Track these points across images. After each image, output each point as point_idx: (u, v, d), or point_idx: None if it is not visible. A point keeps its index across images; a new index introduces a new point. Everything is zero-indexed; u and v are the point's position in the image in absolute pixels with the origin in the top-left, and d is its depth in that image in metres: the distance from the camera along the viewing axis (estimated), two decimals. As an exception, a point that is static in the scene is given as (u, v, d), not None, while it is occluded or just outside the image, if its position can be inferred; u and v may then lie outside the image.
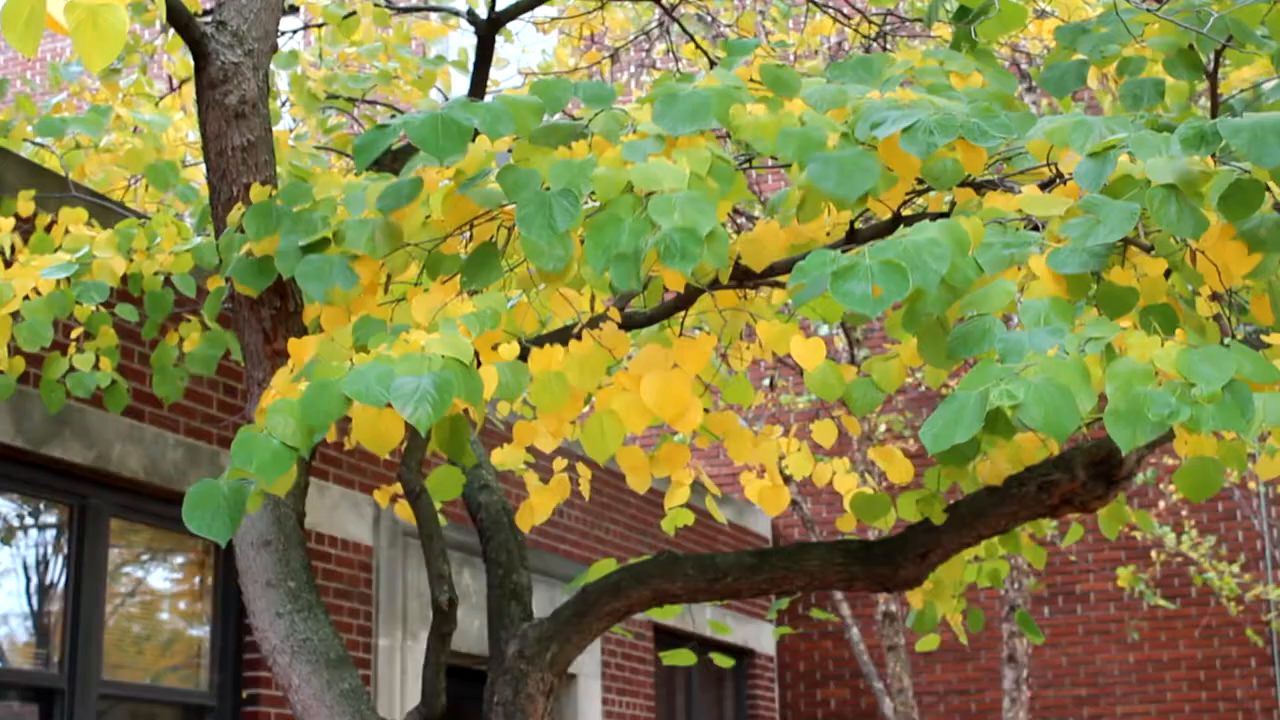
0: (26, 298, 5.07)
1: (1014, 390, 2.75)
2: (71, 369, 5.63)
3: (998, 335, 2.96)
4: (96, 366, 5.66)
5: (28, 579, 7.47)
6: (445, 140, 3.43)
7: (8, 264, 5.36)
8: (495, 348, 3.41)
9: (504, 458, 5.09)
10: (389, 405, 3.14)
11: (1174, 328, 3.14)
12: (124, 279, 5.47)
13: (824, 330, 11.98)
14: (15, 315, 5.14)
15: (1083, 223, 3.09)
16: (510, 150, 3.67)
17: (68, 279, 5.15)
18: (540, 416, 3.55)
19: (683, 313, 4.25)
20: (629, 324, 4.12)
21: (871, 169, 3.30)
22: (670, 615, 5.28)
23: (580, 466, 5.44)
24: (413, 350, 3.20)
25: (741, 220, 9.91)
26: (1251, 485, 13.44)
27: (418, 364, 3.15)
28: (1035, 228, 3.33)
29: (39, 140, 6.86)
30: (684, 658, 5.65)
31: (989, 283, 3.10)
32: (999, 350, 2.91)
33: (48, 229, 5.71)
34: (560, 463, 5.04)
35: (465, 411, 4.03)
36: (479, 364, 3.33)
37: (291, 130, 7.45)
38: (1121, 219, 3.05)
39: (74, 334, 5.71)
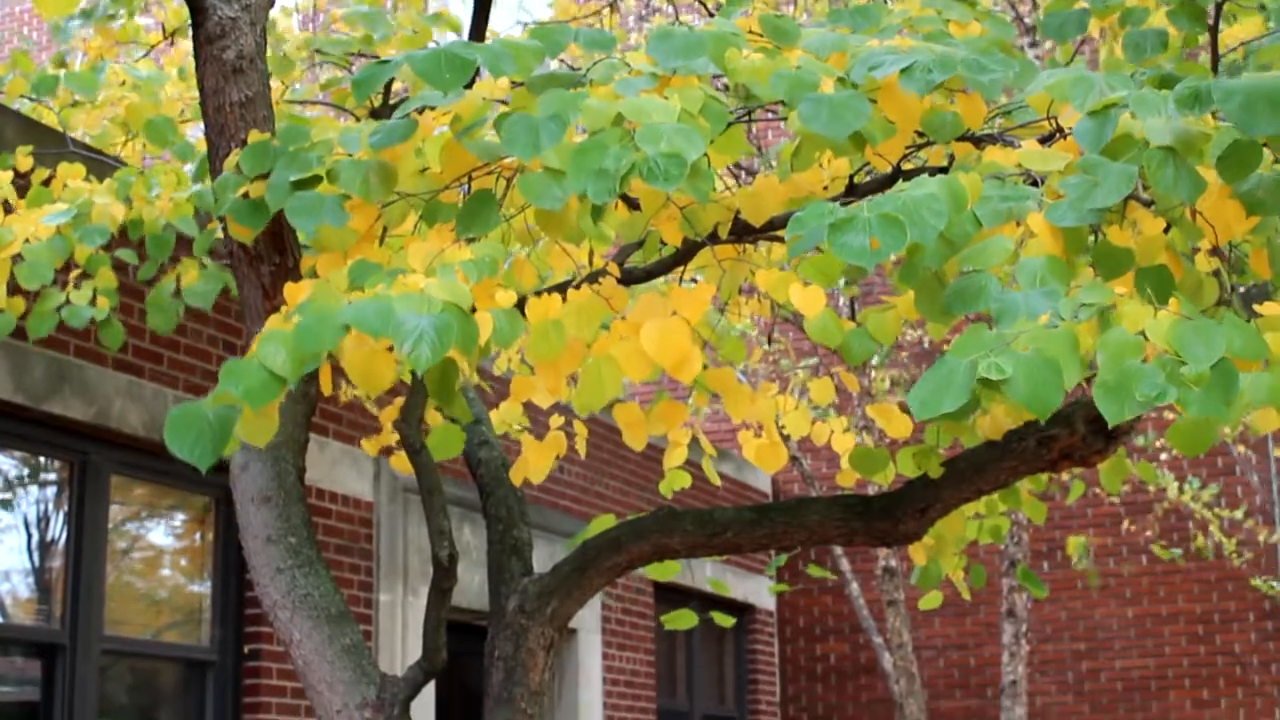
0: (27, 241, 5.07)
1: (1002, 364, 2.75)
2: (68, 302, 5.61)
3: (993, 294, 2.95)
4: (94, 304, 5.64)
5: (29, 535, 7.48)
6: (449, 74, 3.40)
7: (7, 213, 5.36)
8: (493, 296, 3.39)
9: (502, 414, 5.08)
10: (386, 346, 3.11)
11: (1170, 291, 3.13)
12: (124, 231, 5.46)
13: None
14: (16, 258, 5.13)
15: (1081, 183, 3.09)
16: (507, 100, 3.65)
17: (68, 224, 5.14)
18: (538, 370, 3.54)
19: (681, 268, 4.25)
20: (628, 279, 4.12)
21: (863, 109, 3.28)
22: (670, 573, 5.28)
23: (577, 424, 5.44)
24: (411, 290, 3.18)
25: (742, 175, 9.89)
26: (1241, 449, 13.44)
27: (417, 303, 3.12)
28: (1034, 183, 3.32)
29: (36, 97, 6.83)
30: (685, 620, 5.66)
31: (987, 237, 3.10)
32: (994, 311, 2.91)
33: (45, 183, 5.69)
34: (557, 420, 5.04)
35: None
36: (475, 312, 3.31)
37: (287, 86, 7.41)
38: (1119, 182, 3.05)
39: (73, 275, 5.69)
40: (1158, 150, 3.06)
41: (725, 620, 6.54)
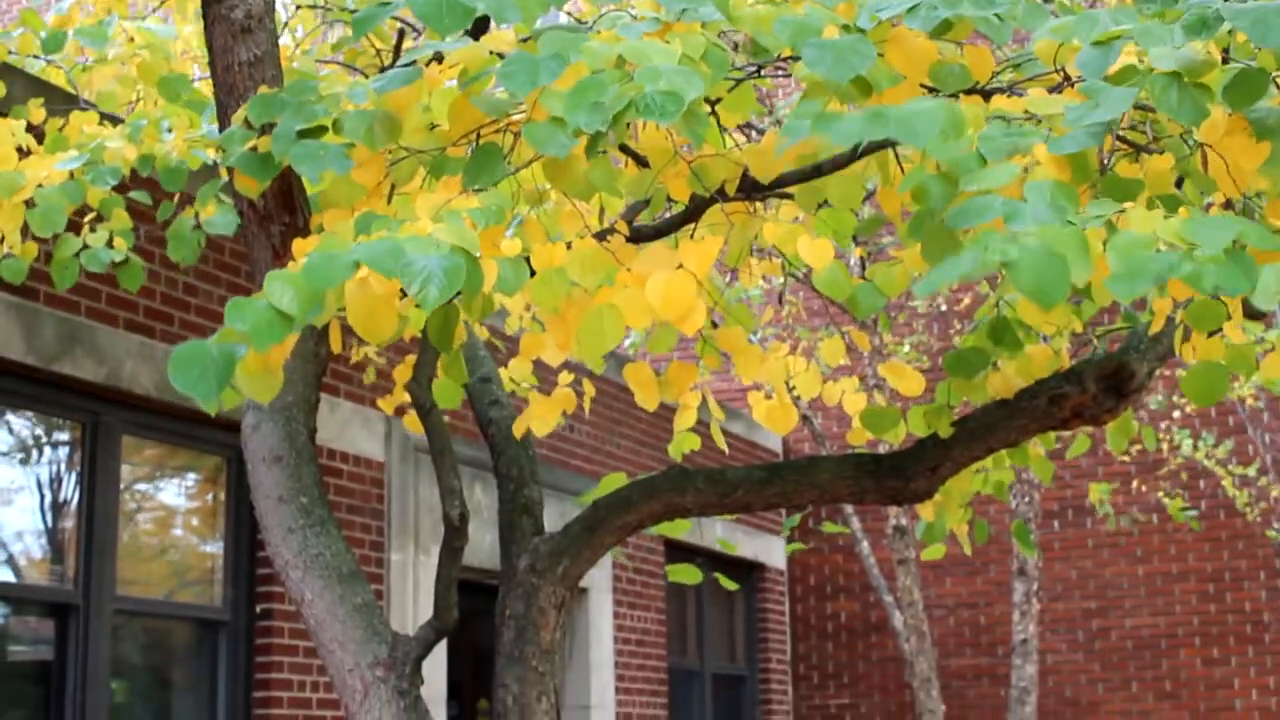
0: (40, 186, 5.05)
1: (1008, 249, 2.72)
2: (85, 247, 5.59)
3: (998, 205, 2.92)
4: (110, 246, 5.61)
5: (41, 496, 7.50)
6: (449, 18, 3.38)
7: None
8: (498, 245, 3.38)
9: (511, 372, 5.08)
10: (391, 294, 3.09)
11: (1180, 206, 3.11)
12: (136, 176, 5.44)
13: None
14: (28, 204, 5.11)
15: (1081, 106, 3.07)
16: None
17: (81, 169, 5.12)
18: (547, 326, 3.53)
19: (691, 225, 4.24)
20: (637, 237, 4.11)
21: (867, 52, 3.26)
22: (679, 531, 5.29)
23: (586, 383, 5.44)
24: (419, 234, 3.17)
25: (752, 134, 9.85)
26: (1250, 400, 13.40)
27: (426, 245, 3.10)
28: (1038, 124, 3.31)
29: (46, 56, 6.81)
30: (690, 575, 5.67)
31: (992, 166, 3.08)
32: (1002, 215, 2.88)
33: (60, 130, 5.68)
34: (566, 377, 5.04)
35: (459, 300, 4.02)
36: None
37: (296, 46, 7.39)
38: (1118, 100, 3.03)
39: (87, 218, 5.67)
40: (1162, 75, 3.04)
41: (729, 583, 6.55)
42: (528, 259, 3.48)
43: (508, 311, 6.79)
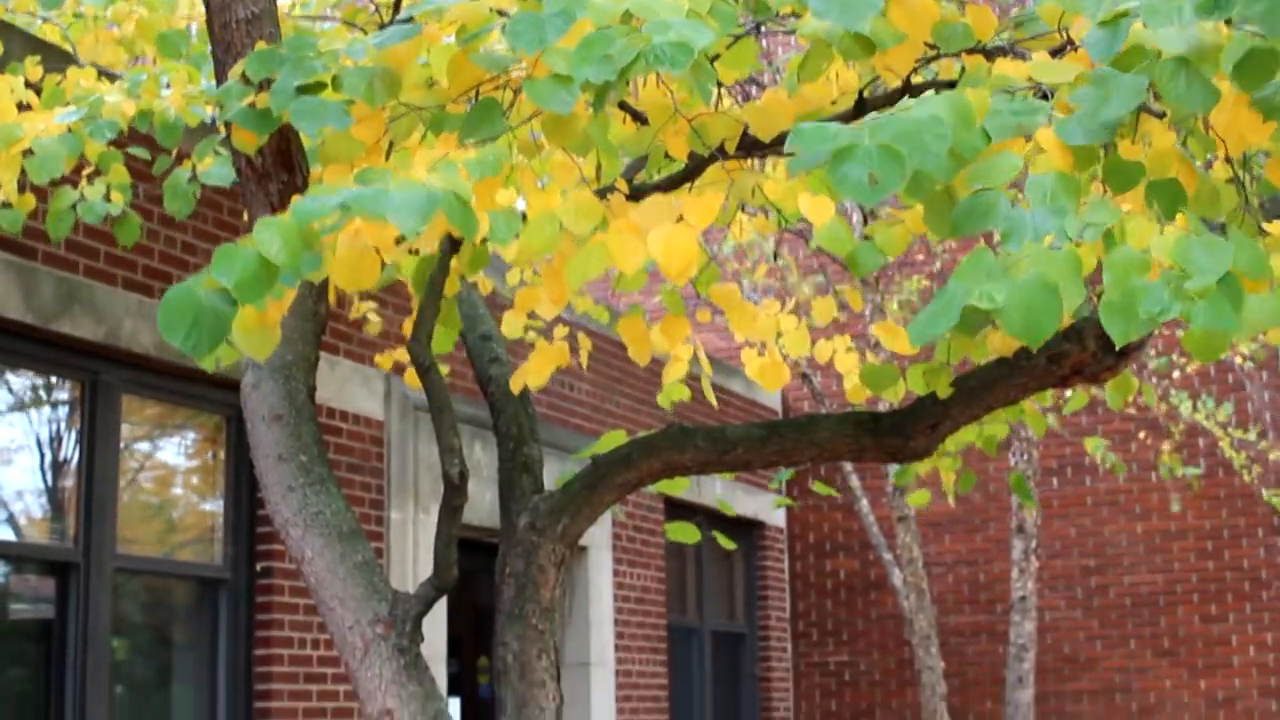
0: (37, 139, 5.03)
1: (994, 293, 2.73)
2: (82, 199, 5.56)
3: (1002, 213, 2.93)
4: (108, 199, 5.58)
5: (41, 455, 7.51)
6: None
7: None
8: (493, 197, 3.37)
9: (506, 325, 5.08)
10: (375, 245, 3.07)
11: (1180, 205, 3.11)
12: (133, 132, 5.41)
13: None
14: (25, 154, 5.08)
15: (1092, 95, 3.06)
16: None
17: (79, 123, 5.10)
18: (543, 279, 3.52)
19: (689, 184, 4.23)
20: (636, 195, 4.10)
21: (874, 1, 3.24)
22: (679, 489, 5.29)
23: (581, 337, 5.43)
24: (412, 179, 3.15)
25: (753, 90, 9.83)
26: (1244, 361, 13.41)
27: (414, 188, 3.09)
28: (1045, 96, 3.29)
29: (43, 13, 6.79)
30: (688, 534, 5.67)
31: (996, 152, 3.07)
32: (1002, 230, 2.89)
33: (58, 85, 5.65)
34: (561, 330, 5.04)
35: (455, 242, 4.00)
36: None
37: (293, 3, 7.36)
38: (1130, 93, 3.02)
39: (85, 172, 5.64)
40: (1170, 60, 3.03)
41: (728, 543, 6.57)
42: (523, 213, 3.48)
43: (508, 266, 6.78)
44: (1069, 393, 5.63)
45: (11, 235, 6.95)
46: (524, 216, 3.48)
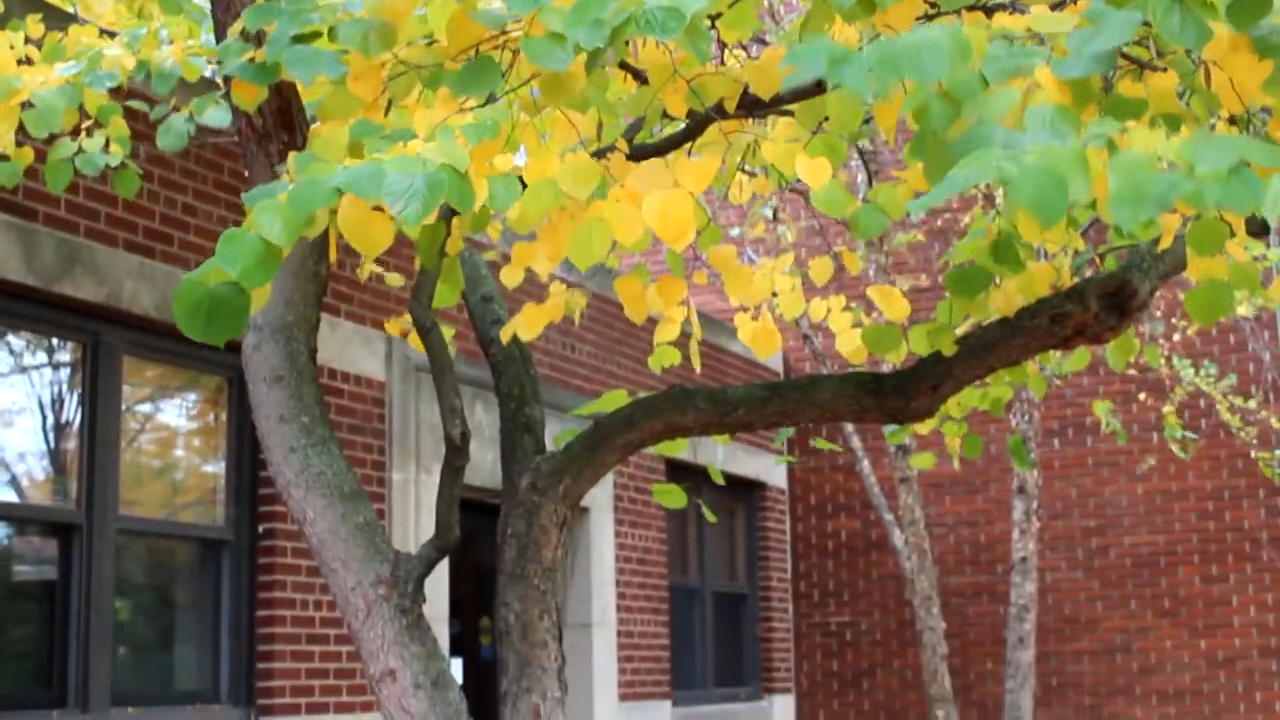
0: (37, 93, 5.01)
1: (1005, 166, 2.70)
2: (80, 151, 5.53)
3: (999, 139, 2.90)
4: (106, 151, 5.55)
5: (43, 416, 7.51)
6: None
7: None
8: (491, 162, 3.36)
9: (506, 276, 5.06)
10: (379, 206, 3.07)
11: (1182, 125, 3.09)
12: (134, 91, 5.38)
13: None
14: (25, 106, 5.05)
15: (1085, 31, 3.04)
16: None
17: (78, 75, 5.08)
18: (539, 236, 3.51)
19: (689, 144, 4.22)
20: (636, 155, 4.09)
21: None
22: (678, 450, 5.29)
23: (574, 294, 5.40)
24: (407, 154, 3.14)
25: (753, 48, 9.79)
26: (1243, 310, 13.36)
27: (411, 165, 3.08)
28: (1042, 43, 3.28)
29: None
30: (675, 498, 5.68)
31: (993, 92, 3.06)
32: (1002, 145, 2.86)
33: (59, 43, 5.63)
34: (558, 287, 5.03)
35: (452, 217, 4.00)
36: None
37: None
38: (1122, 26, 3.00)
39: (84, 125, 5.61)
40: (1164, -3, 3.01)
41: (711, 516, 6.59)
42: (520, 177, 3.47)
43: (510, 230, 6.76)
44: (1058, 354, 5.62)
45: (11, 198, 6.94)
46: (523, 181, 3.46)
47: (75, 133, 5.54)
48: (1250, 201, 2.64)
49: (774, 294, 4.88)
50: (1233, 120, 3.42)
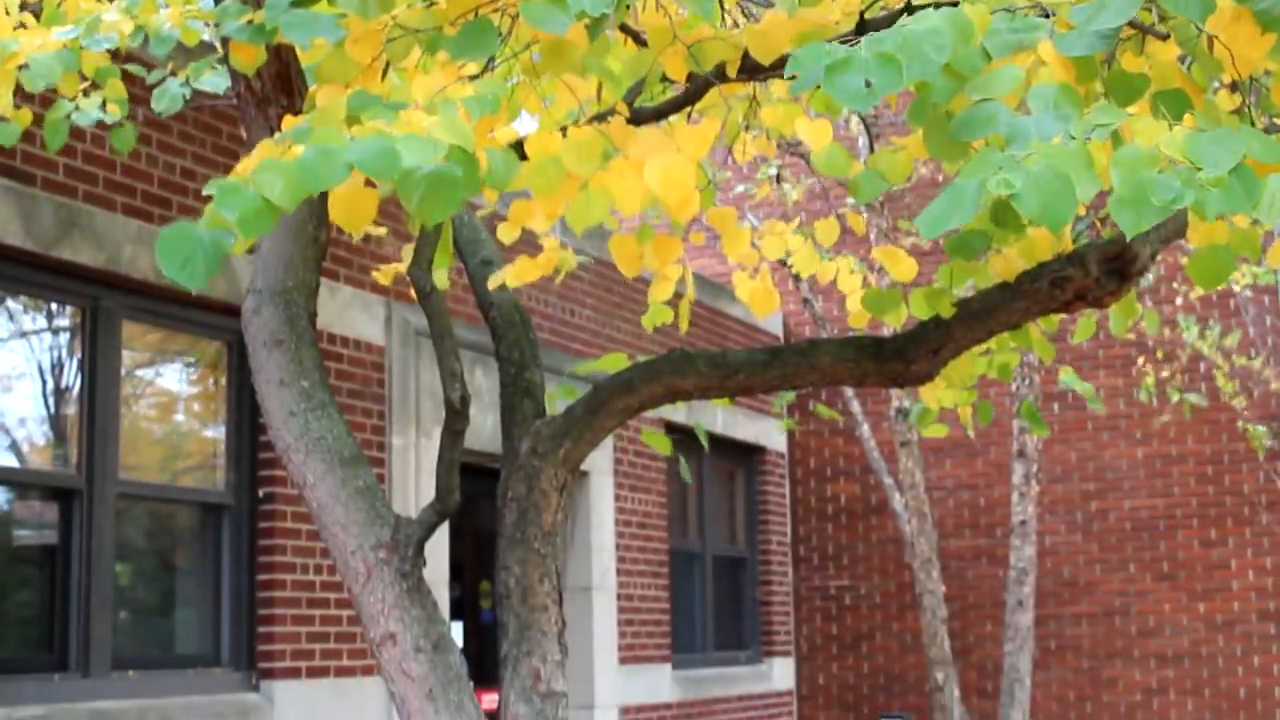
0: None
1: (1011, 179, 2.70)
2: (77, 109, 5.50)
3: (1002, 119, 2.90)
4: (104, 109, 5.52)
5: (43, 381, 7.51)
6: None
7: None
8: (491, 135, 3.35)
9: (503, 233, 5.06)
10: (369, 181, 3.06)
11: (1185, 111, 3.08)
12: (131, 58, 5.35)
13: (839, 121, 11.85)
14: (21, 68, 5.02)
15: (1089, 7, 3.03)
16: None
17: (75, 40, 5.05)
18: (536, 197, 3.50)
19: (689, 108, 4.20)
20: (637, 119, 4.08)
21: None
22: (674, 411, 5.30)
23: (565, 254, 5.39)
24: (415, 130, 3.13)
25: (753, 12, 9.75)
26: (1242, 280, 13.37)
27: (422, 145, 3.07)
28: (1046, 16, 3.27)
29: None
30: (663, 444, 5.71)
31: (996, 69, 3.05)
32: (1004, 134, 2.86)
33: (58, 8, 5.59)
34: (553, 242, 5.02)
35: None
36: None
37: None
38: (1125, 3, 2.99)
39: (81, 87, 5.57)
40: (1166, -31, 3.00)
41: (686, 474, 6.64)
42: (520, 147, 3.45)
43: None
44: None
45: (10, 163, 6.93)
46: (523, 152, 3.45)
47: (73, 97, 5.52)
48: (1248, 207, 2.66)
49: (787, 254, 4.87)
50: (1234, 86, 3.40)
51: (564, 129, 3.50)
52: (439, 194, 3.04)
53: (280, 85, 4.25)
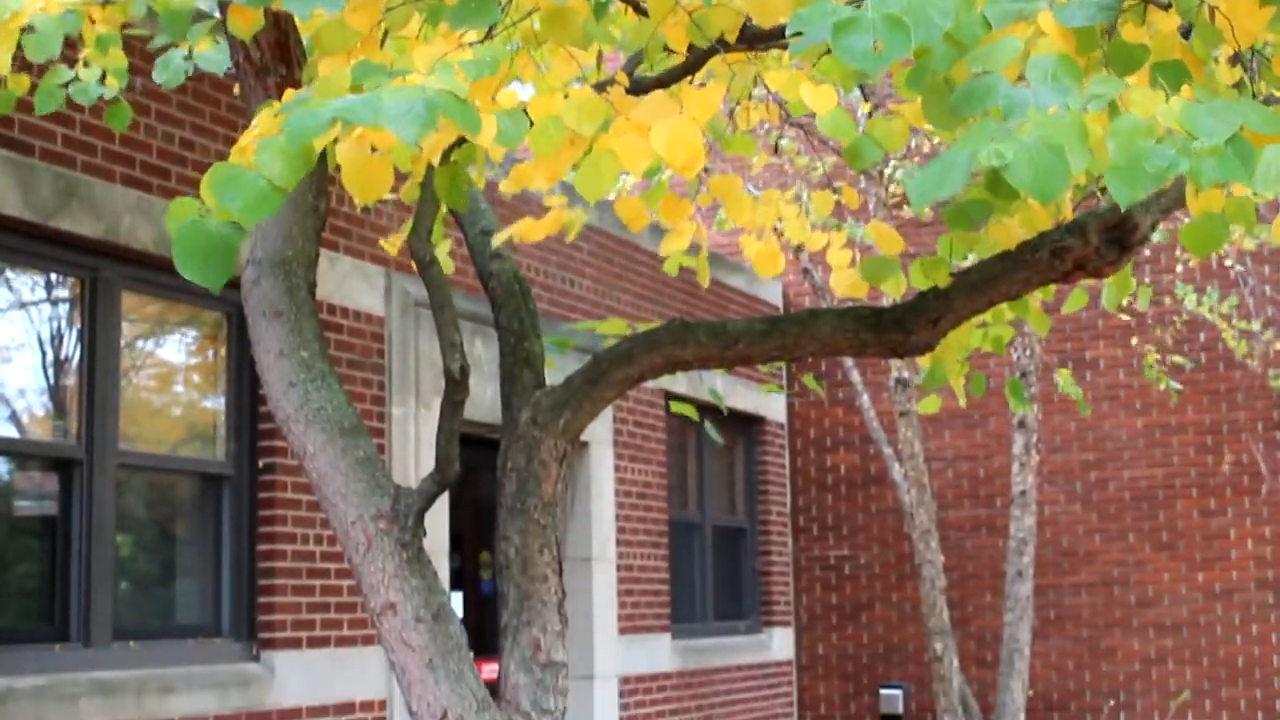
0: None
1: (1003, 150, 2.69)
2: (76, 79, 5.47)
3: (1001, 92, 2.89)
4: (103, 84, 5.49)
5: (42, 352, 7.51)
6: None
7: None
8: (493, 98, 3.34)
9: (504, 188, 5.06)
10: (381, 149, 3.05)
11: (1184, 81, 3.07)
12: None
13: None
14: (25, 30, 4.99)
15: None
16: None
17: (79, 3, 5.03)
18: (537, 159, 3.50)
19: (690, 77, 4.19)
20: (637, 89, 4.07)
21: None
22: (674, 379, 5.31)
23: (579, 211, 5.37)
24: (407, 85, 3.12)
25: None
26: (1246, 243, 13.35)
27: (409, 93, 3.06)
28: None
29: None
30: (688, 410, 5.74)
31: (996, 39, 3.04)
32: (1002, 107, 2.85)
33: None
34: (559, 198, 5.01)
35: (453, 150, 3.99)
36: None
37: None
38: None
39: (83, 54, 5.55)
40: (1169, -60, 2.99)
41: (715, 437, 6.64)
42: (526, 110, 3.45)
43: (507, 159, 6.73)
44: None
45: (8, 133, 6.91)
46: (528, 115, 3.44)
47: (72, 65, 5.50)
48: (1244, 176, 2.65)
49: (779, 220, 4.87)
50: (1235, 59, 3.40)
51: (565, 94, 3.49)
52: (425, 120, 3.00)
53: (279, 54, 4.24)
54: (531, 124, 3.41)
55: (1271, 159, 2.72)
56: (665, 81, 4.19)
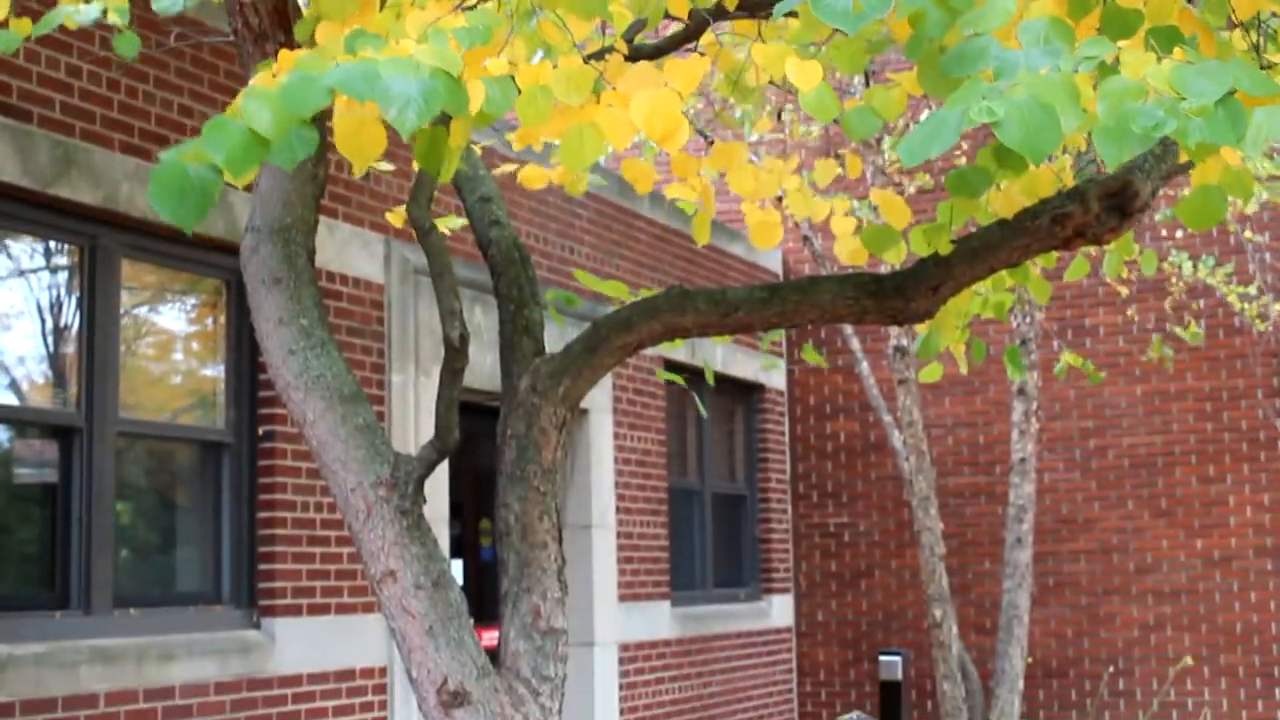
0: None
1: (994, 107, 2.68)
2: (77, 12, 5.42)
3: (993, 54, 2.88)
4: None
5: (41, 320, 7.50)
6: None
7: None
8: (486, 65, 3.34)
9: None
10: (376, 115, 3.04)
11: (1177, 44, 3.06)
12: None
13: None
14: None
15: None
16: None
17: None
18: (524, 128, 3.49)
19: (691, 43, 4.18)
20: (635, 57, 4.06)
21: None
22: (675, 346, 5.31)
23: (575, 173, 5.36)
24: (401, 55, 3.11)
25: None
26: (1243, 231, 13.35)
27: (405, 67, 3.05)
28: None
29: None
30: (676, 379, 5.72)
31: (988, 1, 3.03)
32: (994, 68, 2.84)
33: None
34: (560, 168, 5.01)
35: (448, 124, 3.98)
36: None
37: None
38: None
39: None
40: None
41: (702, 408, 6.62)
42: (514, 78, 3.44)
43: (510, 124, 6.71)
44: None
45: (6, 99, 6.90)
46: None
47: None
48: (1232, 138, 2.64)
49: (782, 190, 4.87)
50: (1240, 25, 3.38)
51: (554, 62, 3.48)
52: (422, 110, 3.00)
53: (277, 20, 4.23)
54: (520, 92, 3.40)
55: (1263, 120, 2.70)
56: (663, 50, 4.18)
